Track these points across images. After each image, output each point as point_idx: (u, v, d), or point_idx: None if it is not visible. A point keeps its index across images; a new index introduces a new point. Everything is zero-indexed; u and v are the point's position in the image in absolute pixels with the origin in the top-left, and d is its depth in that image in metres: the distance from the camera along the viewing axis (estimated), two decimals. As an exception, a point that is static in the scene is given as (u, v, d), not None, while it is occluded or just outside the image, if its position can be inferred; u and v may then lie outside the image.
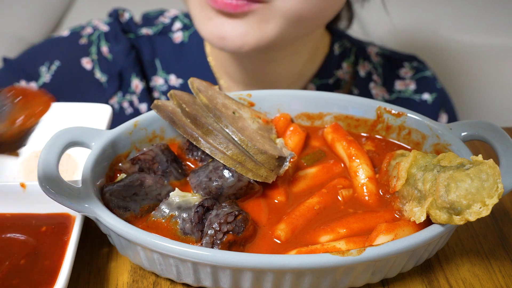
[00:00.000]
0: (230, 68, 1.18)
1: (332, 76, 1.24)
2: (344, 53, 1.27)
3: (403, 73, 1.30)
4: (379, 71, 1.28)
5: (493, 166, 0.62)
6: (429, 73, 1.30)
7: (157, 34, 1.26)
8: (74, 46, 1.23)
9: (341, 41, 1.27)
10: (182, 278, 0.67)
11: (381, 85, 1.28)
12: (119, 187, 0.70)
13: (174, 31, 1.26)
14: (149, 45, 1.25)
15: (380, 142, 0.84)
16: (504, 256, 0.76)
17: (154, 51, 1.25)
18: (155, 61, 1.25)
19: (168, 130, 0.82)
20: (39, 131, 0.88)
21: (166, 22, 1.28)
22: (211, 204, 0.69)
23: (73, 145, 0.74)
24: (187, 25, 1.26)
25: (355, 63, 1.28)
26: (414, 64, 1.31)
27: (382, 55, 1.31)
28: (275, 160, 0.73)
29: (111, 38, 1.23)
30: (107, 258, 0.74)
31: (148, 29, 1.26)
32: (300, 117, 0.86)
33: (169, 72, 1.25)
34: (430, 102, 1.27)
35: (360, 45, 1.31)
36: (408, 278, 0.72)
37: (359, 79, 1.27)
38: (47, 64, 1.21)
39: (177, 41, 1.25)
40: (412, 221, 0.67)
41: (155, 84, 1.25)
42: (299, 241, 0.69)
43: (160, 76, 1.25)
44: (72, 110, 0.88)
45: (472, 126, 0.79)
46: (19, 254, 0.67)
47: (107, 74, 1.21)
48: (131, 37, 1.25)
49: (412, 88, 1.28)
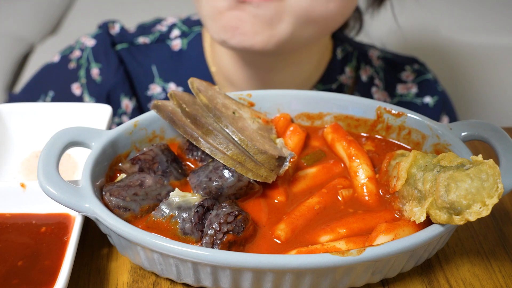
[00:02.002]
0: (233, 76, 1.17)
1: (335, 81, 1.24)
2: (347, 57, 1.26)
3: (404, 77, 1.30)
4: (381, 75, 1.28)
5: (493, 166, 0.62)
6: (430, 76, 1.30)
7: (154, 42, 1.25)
8: (64, 72, 1.23)
9: (343, 45, 1.27)
10: (182, 278, 0.67)
11: (383, 89, 1.28)
12: (119, 187, 0.70)
13: (172, 38, 1.25)
14: (145, 52, 1.24)
15: (380, 142, 0.84)
16: (504, 256, 0.76)
17: (150, 58, 1.24)
18: (152, 68, 1.24)
19: (168, 130, 0.82)
20: (39, 131, 0.88)
21: (163, 30, 1.27)
22: (211, 204, 0.69)
23: (73, 145, 0.74)
24: (186, 32, 1.25)
25: (357, 67, 1.28)
26: (415, 67, 1.31)
27: (383, 58, 1.31)
28: (275, 160, 0.73)
29: (99, 54, 1.22)
30: (107, 258, 0.74)
31: (145, 37, 1.25)
32: (300, 117, 0.86)
33: (167, 80, 1.24)
34: (432, 105, 1.27)
35: (362, 49, 1.31)
36: (408, 278, 0.72)
37: (361, 84, 1.26)
38: (43, 97, 1.22)
39: (175, 48, 1.24)
40: (412, 221, 0.67)
41: (152, 93, 1.24)
42: (299, 241, 0.69)
43: (157, 84, 1.23)
44: (72, 110, 0.88)
45: (472, 126, 0.79)
46: (19, 254, 0.67)
47: (95, 98, 1.21)
48: (124, 47, 1.23)
49: (414, 92, 1.28)
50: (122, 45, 1.24)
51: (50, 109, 0.88)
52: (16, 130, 0.88)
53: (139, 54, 1.24)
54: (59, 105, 0.89)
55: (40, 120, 0.88)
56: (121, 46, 1.25)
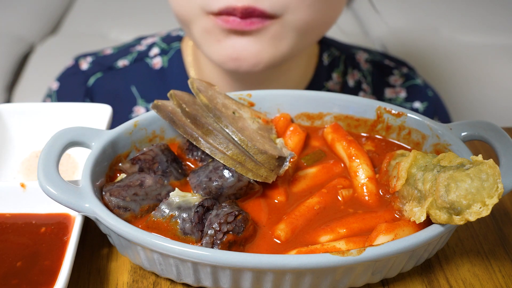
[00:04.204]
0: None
1: (322, 88, 1.22)
2: (333, 62, 1.24)
3: (392, 81, 1.28)
4: (368, 80, 1.26)
5: (493, 166, 0.62)
6: (419, 81, 1.28)
7: (133, 62, 1.23)
8: None
9: (330, 50, 1.25)
10: (182, 278, 0.67)
11: (370, 94, 1.26)
12: (119, 187, 0.70)
13: (151, 56, 1.23)
14: (123, 75, 1.21)
15: (380, 142, 0.84)
16: (504, 256, 0.76)
17: (128, 79, 1.21)
18: (131, 89, 1.21)
19: (168, 130, 0.82)
20: (39, 131, 0.88)
21: (142, 50, 1.25)
22: (211, 204, 0.69)
23: (73, 145, 0.74)
24: (165, 50, 1.23)
25: (344, 72, 1.25)
26: (404, 71, 1.29)
27: (371, 61, 1.29)
28: (275, 160, 0.73)
29: (65, 95, 1.20)
30: (107, 258, 0.74)
31: (123, 59, 1.23)
32: (300, 117, 0.86)
33: (149, 100, 1.21)
34: (422, 111, 1.25)
35: (349, 52, 1.28)
36: (408, 278, 0.72)
37: (347, 89, 1.24)
38: None
39: (156, 67, 1.21)
40: (412, 221, 0.67)
41: (137, 115, 1.20)
42: (299, 241, 0.69)
43: (140, 105, 1.21)
44: (72, 110, 0.88)
45: (472, 126, 0.79)
46: (18, 254, 0.67)
47: None
48: (98, 76, 1.21)
49: (402, 96, 1.26)
50: (96, 75, 1.22)
51: (50, 109, 0.88)
52: (16, 130, 0.88)
53: (118, 77, 1.22)
54: (59, 105, 0.89)
55: (40, 120, 0.88)
56: (94, 78, 1.22)
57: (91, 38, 1.99)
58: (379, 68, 1.29)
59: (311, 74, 1.21)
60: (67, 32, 2.13)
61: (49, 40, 2.01)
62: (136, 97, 1.21)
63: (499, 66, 1.88)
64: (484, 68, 1.88)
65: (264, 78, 1.10)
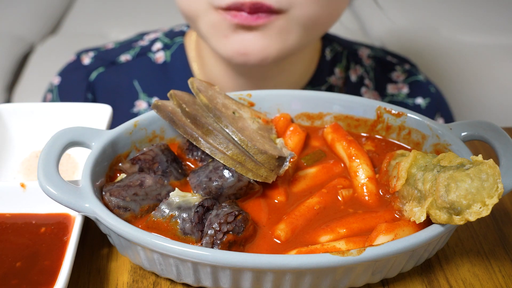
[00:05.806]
0: (224, 86, 1.15)
1: (324, 83, 1.22)
2: (336, 57, 1.25)
3: (395, 77, 1.28)
4: (371, 75, 1.26)
5: (493, 166, 0.62)
6: (421, 77, 1.29)
7: (135, 57, 1.23)
8: None
9: (332, 45, 1.25)
10: (182, 278, 0.67)
11: (373, 89, 1.26)
12: (119, 187, 0.70)
13: (154, 51, 1.23)
14: (126, 69, 1.22)
15: (380, 142, 0.84)
16: (504, 256, 0.76)
17: (131, 74, 1.22)
18: (134, 84, 1.21)
19: (168, 130, 0.82)
20: (39, 131, 0.88)
21: (144, 45, 1.25)
22: (211, 204, 0.69)
23: (73, 145, 0.74)
24: (168, 44, 1.23)
25: (347, 67, 1.26)
26: (406, 68, 1.29)
27: (374, 57, 1.29)
28: (275, 160, 0.73)
29: (66, 90, 1.20)
30: (107, 258, 0.74)
31: (126, 54, 1.23)
32: (300, 117, 0.86)
33: (151, 94, 1.22)
34: (424, 106, 1.25)
35: (351, 48, 1.29)
36: (408, 278, 0.72)
37: (350, 84, 1.25)
38: None
39: (159, 61, 1.22)
40: (412, 221, 0.67)
41: (138, 110, 1.21)
42: (299, 241, 0.69)
43: (142, 99, 1.21)
44: (72, 110, 0.88)
45: (472, 126, 0.79)
46: (18, 254, 0.67)
47: None
48: (101, 71, 1.21)
49: (405, 92, 1.26)
50: (98, 70, 1.22)
51: (50, 109, 0.88)
52: (16, 130, 0.88)
53: (120, 72, 1.22)
54: (59, 105, 0.89)
55: (40, 120, 0.88)
56: (96, 72, 1.22)
57: (91, 38, 1.99)
58: (381, 64, 1.29)
59: (314, 69, 1.21)
60: (67, 32, 2.13)
61: (49, 40, 2.01)
62: (138, 91, 1.22)
63: (499, 66, 1.88)
64: (484, 68, 1.87)
65: (267, 73, 1.10)
